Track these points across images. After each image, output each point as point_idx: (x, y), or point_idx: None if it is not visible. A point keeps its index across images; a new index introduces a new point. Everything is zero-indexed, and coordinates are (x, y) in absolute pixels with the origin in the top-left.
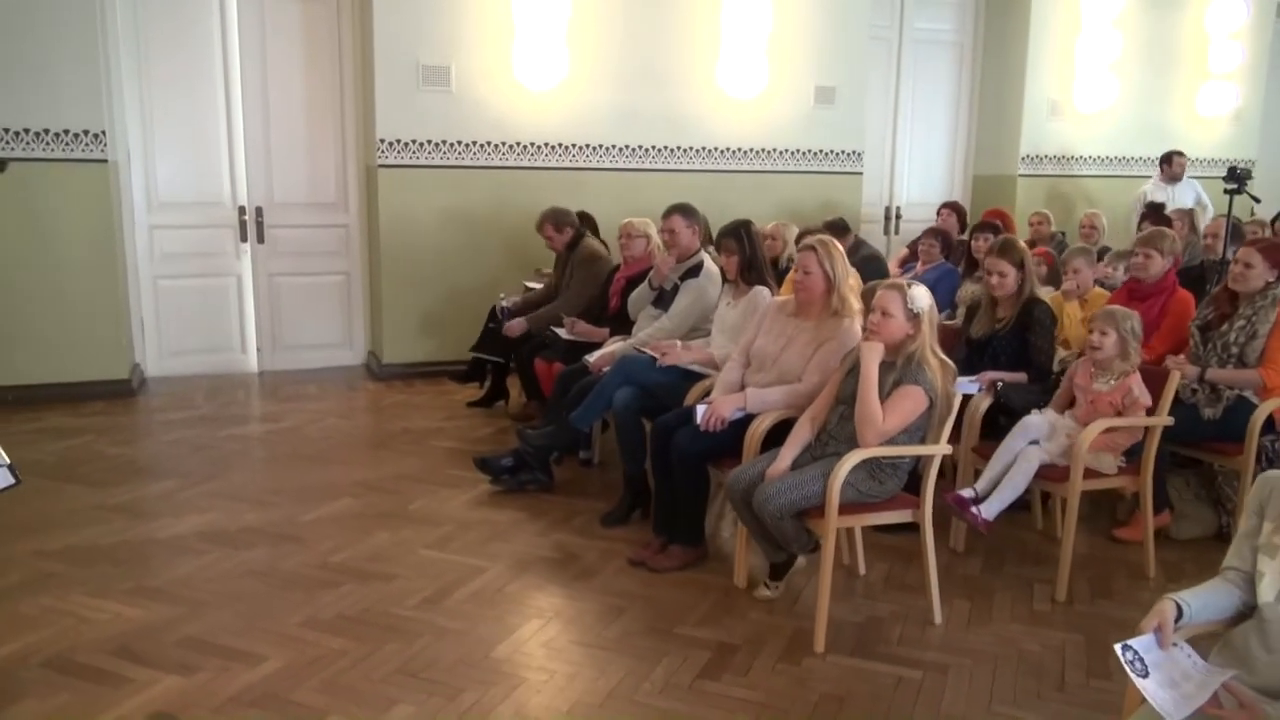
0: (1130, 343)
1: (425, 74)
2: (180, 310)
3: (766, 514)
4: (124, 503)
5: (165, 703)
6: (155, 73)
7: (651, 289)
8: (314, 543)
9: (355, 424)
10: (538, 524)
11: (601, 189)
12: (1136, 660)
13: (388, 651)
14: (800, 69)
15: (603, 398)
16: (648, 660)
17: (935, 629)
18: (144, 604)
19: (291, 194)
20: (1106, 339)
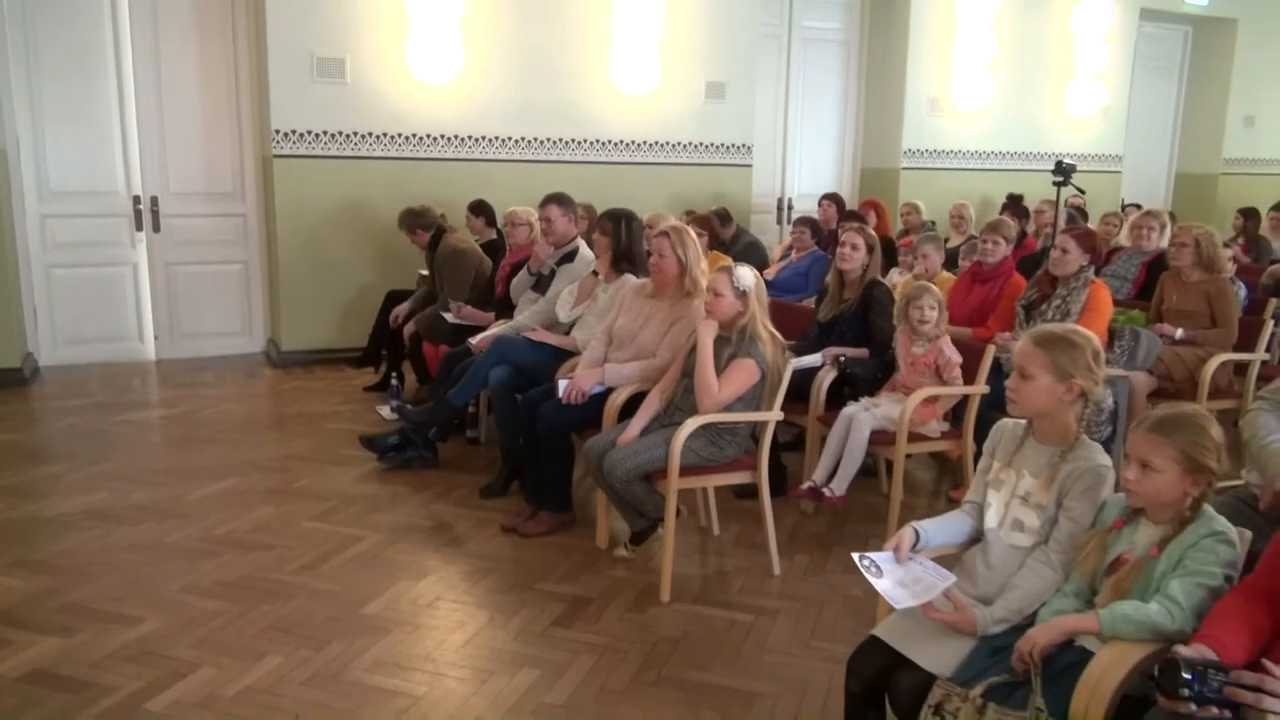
0: (943, 312)
1: (320, 65)
2: (75, 299)
3: (615, 478)
4: (9, 485)
5: (44, 661)
6: (43, 59)
7: (530, 274)
8: (198, 518)
9: (250, 409)
10: (419, 497)
11: (499, 180)
12: (872, 566)
13: (261, 611)
14: (691, 65)
15: (478, 376)
16: (506, 612)
17: (774, 580)
18: (25, 575)
19: (187, 183)
20: (933, 313)
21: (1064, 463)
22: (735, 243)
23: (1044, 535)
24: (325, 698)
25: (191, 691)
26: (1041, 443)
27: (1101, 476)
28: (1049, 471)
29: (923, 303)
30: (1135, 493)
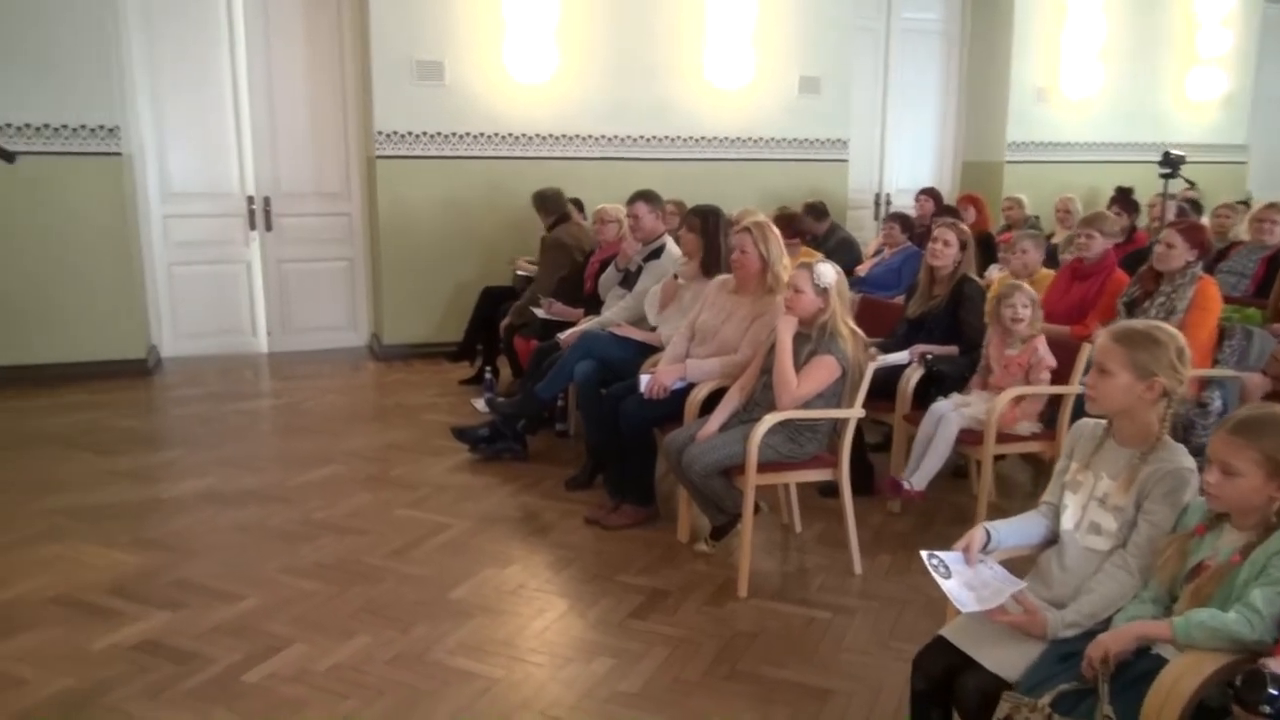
0: (1038, 311)
1: (420, 68)
2: (194, 295)
3: (693, 472)
4: (131, 468)
5: (153, 632)
6: (166, 70)
7: (618, 270)
8: (300, 503)
9: (352, 400)
10: (507, 487)
11: (592, 178)
12: (940, 565)
13: (353, 593)
14: (785, 59)
15: (565, 371)
16: (586, 601)
17: (854, 579)
18: (140, 552)
19: (297, 184)
20: (1025, 311)
21: (1144, 464)
22: (828, 239)
23: (1122, 539)
24: (409, 677)
25: (286, 665)
26: (1121, 443)
27: (1184, 479)
28: (1128, 473)
29: (1014, 301)
30: (1216, 497)
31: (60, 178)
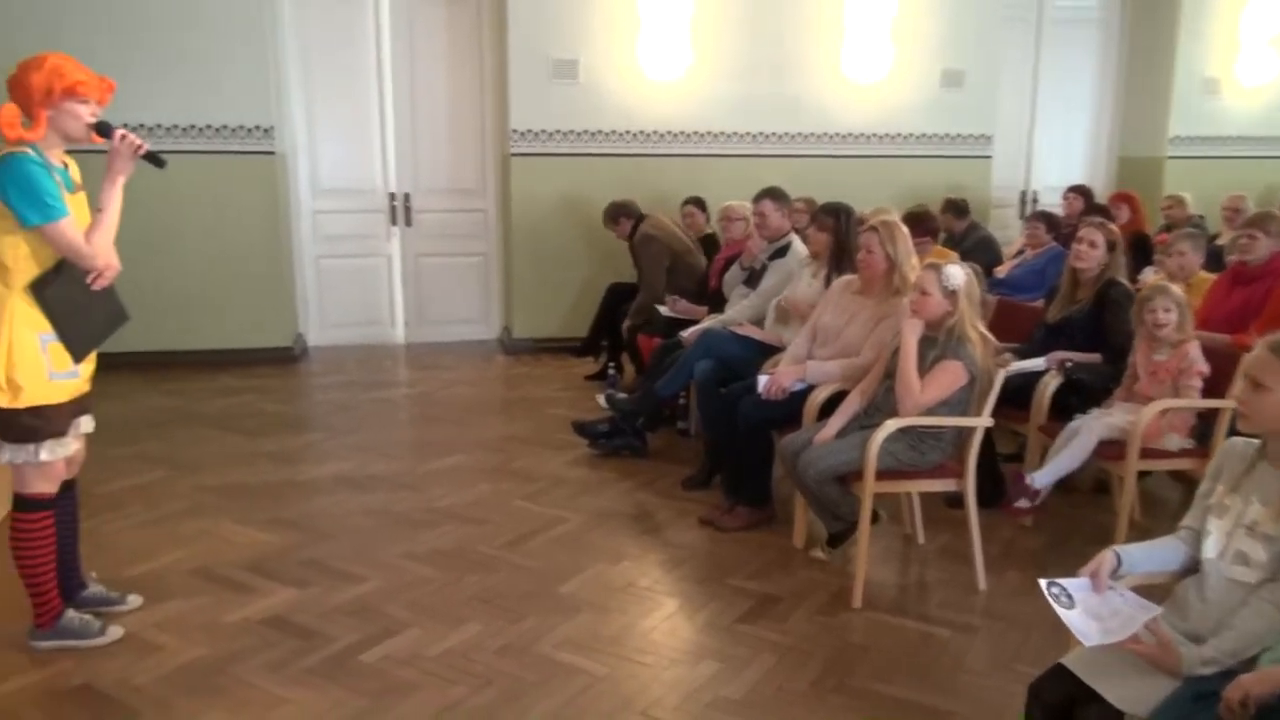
0: (1186, 313)
1: (555, 67)
2: (338, 287)
3: (808, 477)
4: (274, 450)
5: (281, 609)
6: (318, 70)
7: (742, 269)
8: (425, 490)
9: (480, 391)
10: (624, 484)
11: (721, 175)
12: (1062, 594)
13: (468, 581)
14: (926, 52)
15: (685, 369)
16: (695, 603)
17: (978, 595)
18: (277, 531)
19: (436, 181)
20: (1170, 315)
21: None
22: (966, 238)
23: (1272, 571)
24: (514, 668)
25: (400, 648)
26: (1276, 466)
27: None
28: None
29: (1156, 304)
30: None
31: (219, 176)
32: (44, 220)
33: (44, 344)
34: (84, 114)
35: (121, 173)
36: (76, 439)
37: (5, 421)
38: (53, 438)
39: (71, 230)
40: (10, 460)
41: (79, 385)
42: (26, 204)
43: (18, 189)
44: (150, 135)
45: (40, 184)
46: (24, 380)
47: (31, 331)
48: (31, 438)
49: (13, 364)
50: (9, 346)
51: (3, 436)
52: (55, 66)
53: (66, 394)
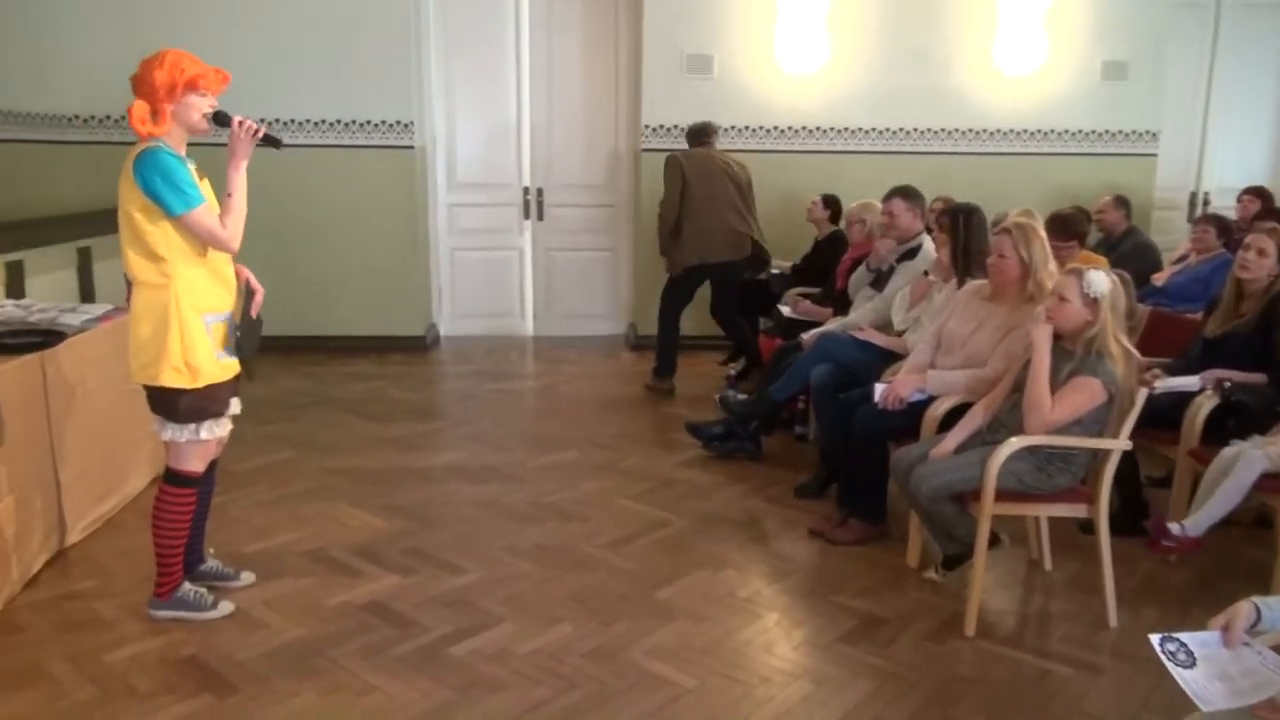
0: None
1: (689, 62)
2: (471, 279)
3: (921, 494)
4: (396, 437)
5: (382, 595)
6: (458, 66)
7: (869, 270)
8: (534, 484)
9: (601, 387)
10: (734, 488)
11: (858, 172)
12: (1180, 651)
13: (565, 579)
14: (1085, 42)
15: (800, 373)
16: (795, 618)
17: (1107, 632)
18: (387, 517)
19: (569, 176)
20: None
21: None
22: (1122, 241)
23: None
24: (601, 673)
25: (490, 643)
26: None
27: None
28: None
29: None
30: None
31: (360, 169)
32: (186, 209)
33: (208, 325)
34: (203, 106)
35: (243, 157)
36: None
37: (174, 401)
38: (213, 418)
39: (209, 216)
40: (172, 438)
41: (233, 365)
42: (171, 193)
43: (162, 180)
44: (299, 130)
45: (179, 173)
46: (199, 362)
47: (196, 314)
48: (196, 417)
49: (187, 347)
50: (180, 331)
51: (169, 416)
52: (175, 62)
53: (230, 372)
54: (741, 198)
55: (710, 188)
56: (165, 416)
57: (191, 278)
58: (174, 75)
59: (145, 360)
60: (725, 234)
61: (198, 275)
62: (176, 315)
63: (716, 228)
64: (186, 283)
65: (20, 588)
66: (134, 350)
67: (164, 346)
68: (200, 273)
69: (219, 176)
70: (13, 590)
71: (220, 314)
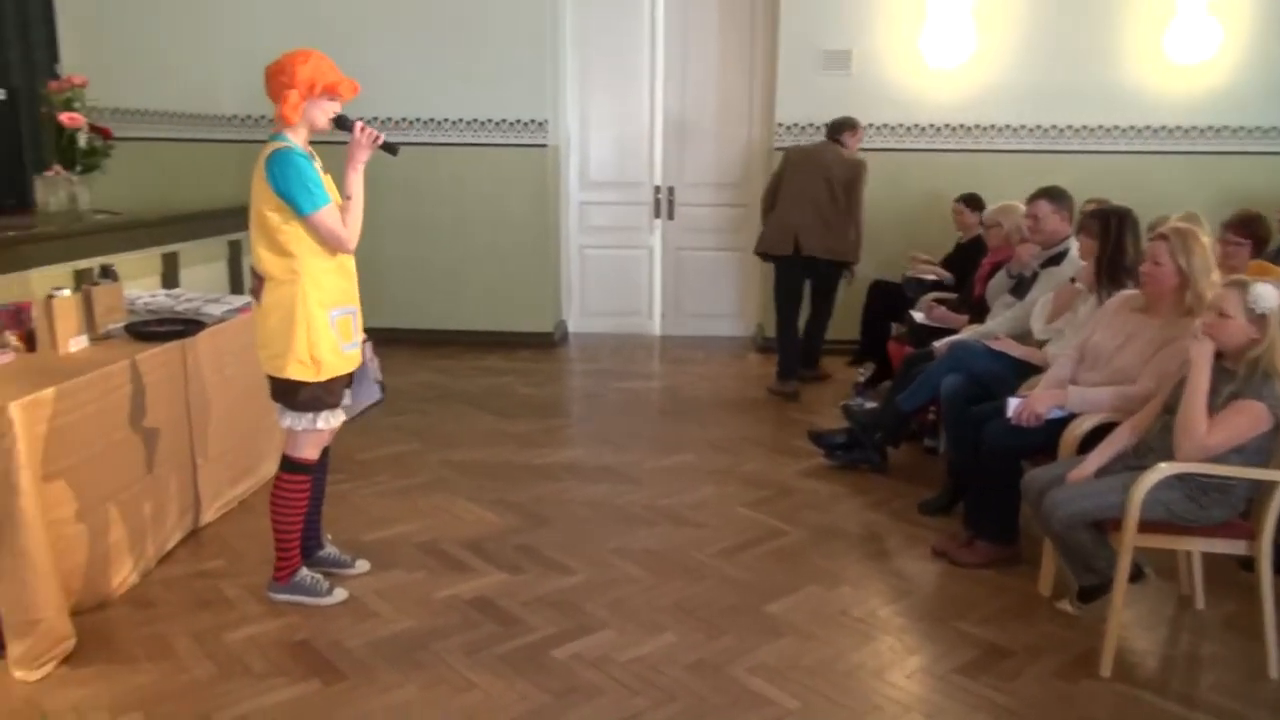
0: None
1: (826, 58)
2: (600, 277)
3: (1055, 519)
4: (518, 432)
5: (490, 591)
6: (593, 68)
7: (1009, 276)
8: (649, 486)
9: (725, 389)
10: (856, 501)
11: (1003, 172)
12: None
13: (673, 586)
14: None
15: (929, 383)
16: (910, 643)
17: (1266, 684)
18: (502, 512)
19: (700, 174)
20: None
21: None
22: None
23: None
24: (702, 688)
25: (591, 648)
26: None
27: None
28: None
29: None
30: None
31: (495, 167)
32: (313, 209)
33: (333, 320)
34: (331, 111)
35: (361, 161)
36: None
37: (295, 391)
38: (329, 409)
39: (334, 217)
40: (290, 426)
41: (355, 357)
42: (301, 194)
43: (293, 180)
44: (437, 129)
45: (308, 174)
46: (323, 356)
47: (322, 309)
48: (314, 407)
49: (313, 342)
50: (307, 326)
51: (289, 404)
52: (318, 65)
53: (351, 365)
54: (832, 198)
55: (797, 183)
56: (285, 405)
57: (318, 273)
58: (316, 75)
59: (273, 352)
60: (792, 230)
61: (324, 271)
62: (304, 310)
63: (787, 223)
64: (313, 278)
65: (155, 563)
66: (262, 341)
67: (291, 340)
68: (327, 268)
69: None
70: (148, 565)
71: (345, 308)
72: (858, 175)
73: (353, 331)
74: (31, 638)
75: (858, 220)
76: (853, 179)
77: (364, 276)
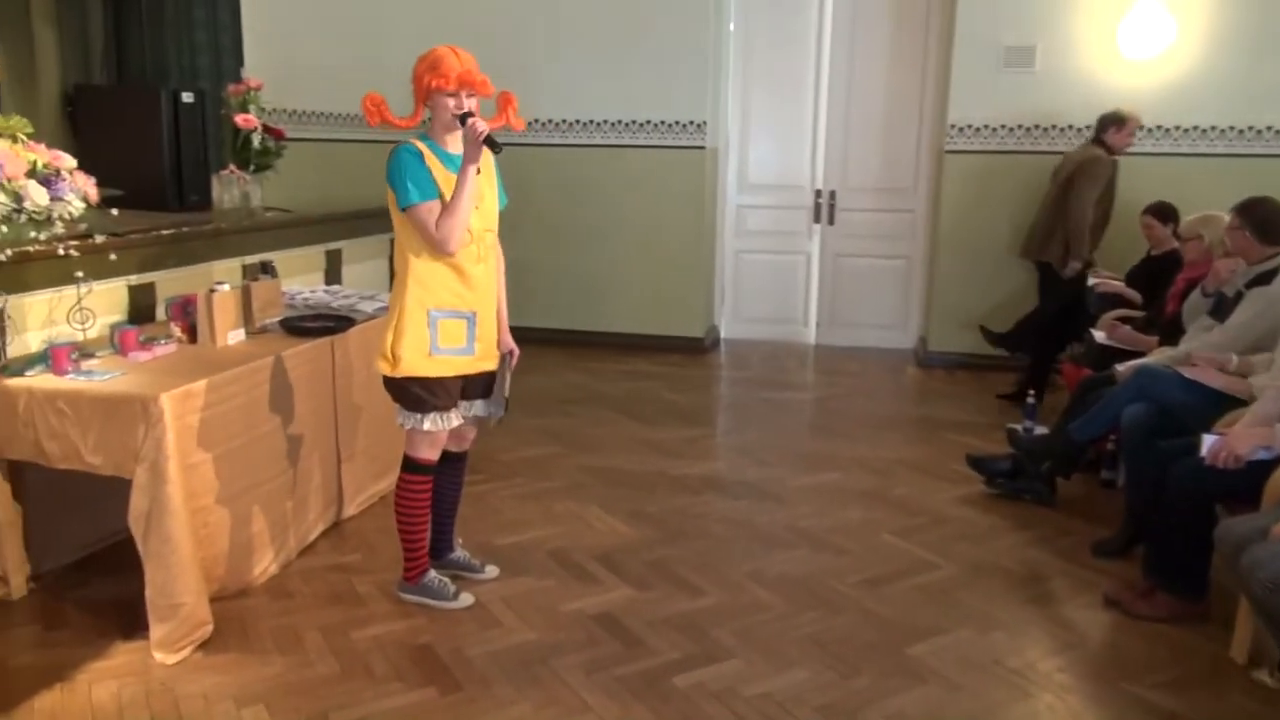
0: None
1: (1007, 55)
2: (755, 282)
3: (1256, 580)
4: (658, 439)
5: (614, 607)
6: (756, 65)
7: (1206, 295)
8: (791, 506)
9: (879, 405)
10: (1018, 535)
11: (1205, 178)
12: None
13: (807, 617)
14: None
15: (1109, 411)
16: (1073, 704)
17: None
18: (635, 524)
19: (864, 178)
20: None
21: None
22: None
23: None
24: None
25: (715, 679)
26: None
27: None
28: None
29: None
30: None
31: (652, 168)
32: (407, 203)
33: (434, 320)
34: (450, 105)
35: (470, 160)
36: (462, 417)
37: (399, 389)
38: (437, 411)
39: (426, 214)
40: (402, 424)
41: (471, 362)
42: (400, 187)
43: (396, 174)
44: (595, 130)
45: (408, 169)
46: (405, 353)
47: (421, 308)
48: (419, 407)
49: (396, 337)
50: (398, 321)
51: (398, 401)
52: (434, 62)
53: (452, 369)
54: (1057, 195)
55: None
56: (395, 401)
57: (426, 273)
58: (428, 72)
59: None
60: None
61: (434, 271)
62: (400, 306)
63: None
64: (420, 277)
65: (296, 554)
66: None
67: (383, 334)
68: (434, 268)
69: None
70: (289, 556)
71: (455, 311)
72: (1082, 170)
73: (465, 337)
74: (173, 621)
75: (1070, 218)
76: (1075, 174)
77: (513, 276)
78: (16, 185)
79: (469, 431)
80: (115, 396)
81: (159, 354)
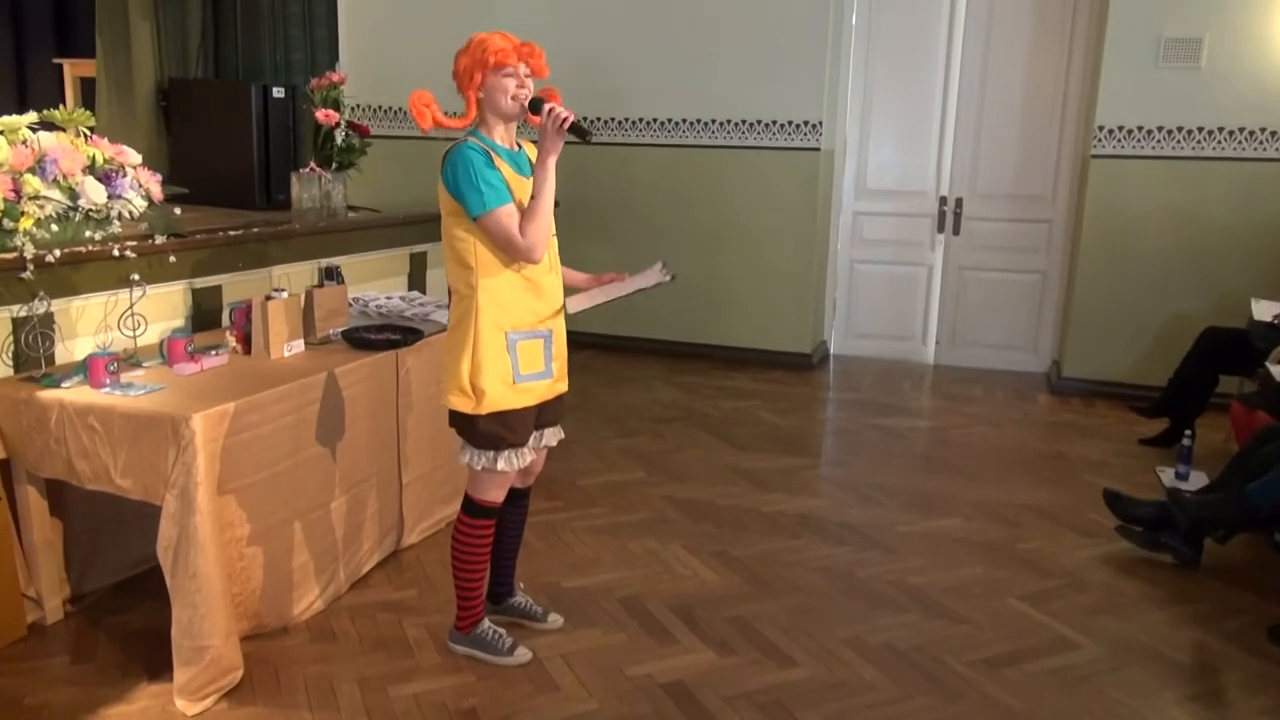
0: None
1: (1168, 49)
2: (870, 294)
3: None
4: (753, 469)
5: (690, 674)
6: (879, 65)
7: None
8: (900, 556)
9: (1005, 437)
10: (1173, 609)
11: None
12: None
13: (916, 704)
14: None
15: None
16: None
17: None
18: (720, 570)
19: (995, 185)
20: None
21: None
22: None
23: None
24: None
25: None
26: None
27: None
28: None
29: None
30: None
31: (761, 171)
32: (483, 209)
33: (512, 343)
34: (509, 86)
35: (550, 152)
36: (536, 451)
37: (471, 426)
38: (513, 448)
39: (506, 220)
40: (469, 463)
41: (550, 386)
42: (470, 193)
43: (464, 178)
44: (704, 130)
45: (477, 171)
46: (488, 385)
47: (498, 331)
48: (493, 445)
49: (475, 368)
50: (473, 349)
51: (466, 438)
52: (477, 44)
53: (535, 397)
54: None
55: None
56: (463, 438)
57: (499, 289)
58: (472, 58)
59: (443, 376)
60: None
61: (507, 286)
62: (473, 331)
63: None
64: (491, 294)
65: (346, 588)
66: (440, 362)
67: (456, 365)
68: (510, 283)
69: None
70: (338, 590)
71: (533, 331)
72: None
73: (543, 359)
74: (197, 666)
75: None
76: None
77: None
78: (72, 181)
79: (537, 465)
80: (146, 415)
81: (207, 366)
